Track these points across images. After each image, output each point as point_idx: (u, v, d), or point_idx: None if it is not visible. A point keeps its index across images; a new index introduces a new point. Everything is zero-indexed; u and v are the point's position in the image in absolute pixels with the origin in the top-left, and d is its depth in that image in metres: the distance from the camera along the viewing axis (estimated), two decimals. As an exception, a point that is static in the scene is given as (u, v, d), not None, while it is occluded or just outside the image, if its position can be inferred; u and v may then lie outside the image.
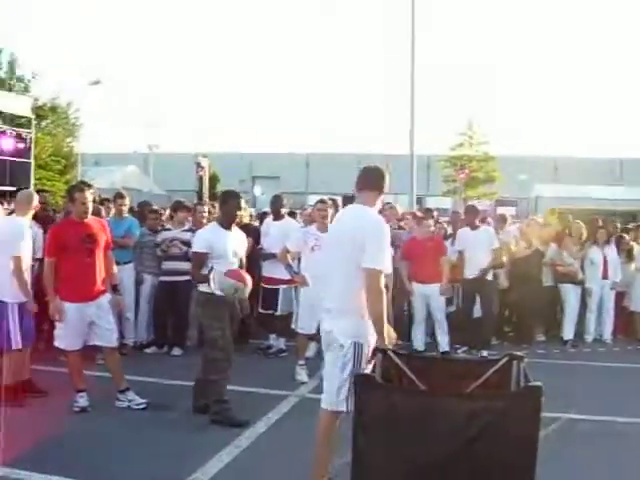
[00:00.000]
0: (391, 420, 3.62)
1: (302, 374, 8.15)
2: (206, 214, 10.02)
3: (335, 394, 4.51)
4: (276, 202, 9.86)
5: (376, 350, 4.32)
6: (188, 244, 9.30)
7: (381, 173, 4.83)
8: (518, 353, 4.09)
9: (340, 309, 4.56)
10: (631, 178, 32.24)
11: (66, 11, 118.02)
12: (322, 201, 8.42)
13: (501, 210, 16.47)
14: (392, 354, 4.22)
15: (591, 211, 16.77)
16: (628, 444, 6.21)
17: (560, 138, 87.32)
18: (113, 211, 9.56)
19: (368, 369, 4.07)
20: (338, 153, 55.03)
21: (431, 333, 10.14)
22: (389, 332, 4.51)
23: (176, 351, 9.36)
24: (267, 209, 12.19)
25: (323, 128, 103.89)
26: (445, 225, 11.45)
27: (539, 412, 3.52)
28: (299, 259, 8.56)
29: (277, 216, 9.67)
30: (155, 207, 10.51)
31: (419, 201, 34.13)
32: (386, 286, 4.59)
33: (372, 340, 4.47)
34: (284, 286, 9.19)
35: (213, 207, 10.39)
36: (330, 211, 8.19)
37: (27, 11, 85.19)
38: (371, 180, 4.79)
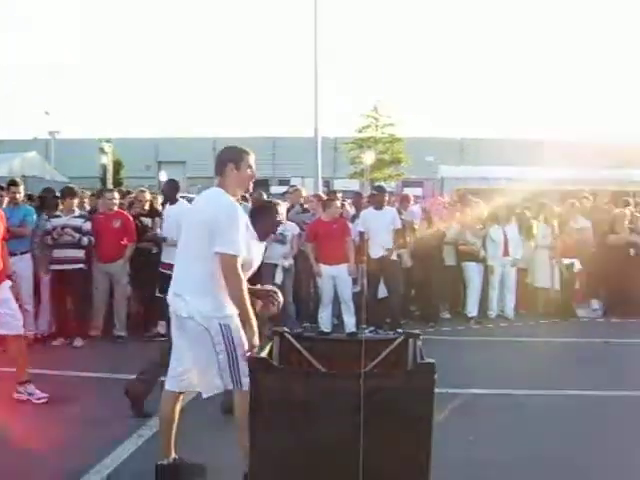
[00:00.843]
0: (287, 403, 3.57)
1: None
2: (116, 200, 9.80)
3: (217, 377, 4.42)
4: (170, 187, 9.67)
5: (274, 333, 4.26)
6: (80, 230, 9.04)
7: (229, 155, 4.64)
8: (414, 331, 4.10)
9: (197, 292, 4.43)
10: (535, 158, 33.06)
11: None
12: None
13: (407, 191, 16.62)
14: (289, 337, 4.18)
15: (496, 190, 17.05)
16: (528, 415, 6.37)
17: (466, 119, 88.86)
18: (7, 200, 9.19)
19: (264, 352, 4.00)
20: (245, 137, 54.57)
21: (337, 314, 10.18)
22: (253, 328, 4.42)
23: (78, 342, 9.10)
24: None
25: (230, 112, 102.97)
26: (348, 207, 11.46)
27: (432, 389, 3.53)
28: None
29: (172, 201, 9.48)
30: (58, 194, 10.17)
31: (326, 184, 34.27)
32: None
33: (237, 319, 4.42)
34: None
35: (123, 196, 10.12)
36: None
37: None
38: (219, 164, 4.63)
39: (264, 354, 3.90)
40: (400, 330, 4.41)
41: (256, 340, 4.39)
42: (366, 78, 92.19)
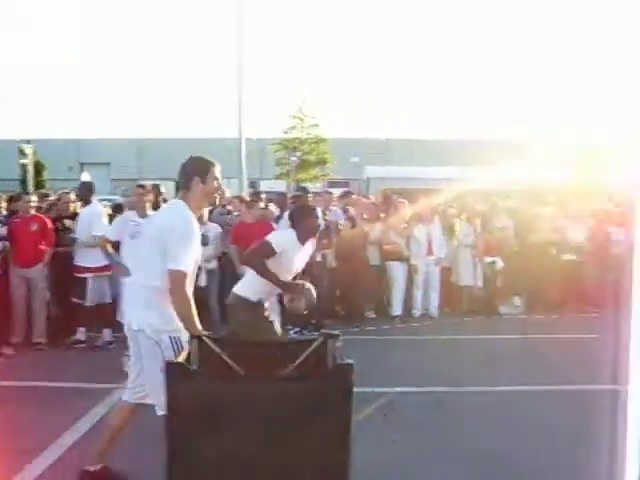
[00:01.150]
0: (205, 408, 3.50)
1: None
2: (34, 203, 9.53)
3: None
4: (84, 188, 9.55)
5: (191, 337, 4.18)
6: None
7: (195, 168, 4.49)
8: (333, 332, 4.07)
9: (147, 305, 4.36)
10: (459, 158, 33.52)
11: None
12: (141, 186, 8.19)
13: (334, 192, 16.68)
14: (208, 340, 4.10)
15: (420, 190, 17.19)
16: (451, 412, 6.45)
17: (390, 120, 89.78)
18: None
19: (181, 357, 3.92)
20: (170, 138, 53.98)
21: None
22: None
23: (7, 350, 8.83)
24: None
25: (154, 113, 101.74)
26: (273, 208, 11.41)
27: (351, 389, 3.51)
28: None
29: (86, 202, 9.31)
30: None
31: (253, 185, 34.09)
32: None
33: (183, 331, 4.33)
34: (91, 275, 8.96)
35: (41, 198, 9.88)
36: (150, 196, 7.99)
37: None
38: (184, 177, 4.50)
39: (181, 359, 3.82)
40: (322, 331, 4.38)
41: None
42: (292, 79, 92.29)
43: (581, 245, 12.10)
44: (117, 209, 10.83)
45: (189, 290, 4.33)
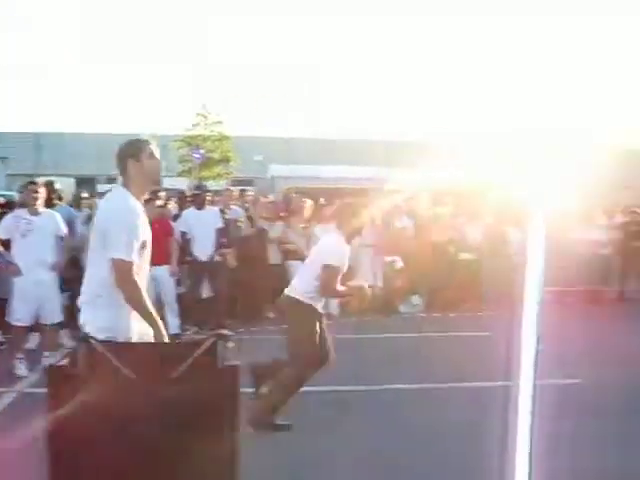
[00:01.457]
0: (92, 412, 3.36)
1: (21, 368, 7.69)
2: None
3: None
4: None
5: (79, 339, 4.01)
6: None
7: (127, 150, 4.27)
8: (224, 332, 3.99)
9: (91, 302, 4.14)
10: (366, 158, 33.81)
11: None
12: (33, 182, 7.90)
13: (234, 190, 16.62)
14: (95, 342, 3.95)
15: (325, 190, 17.27)
16: (351, 411, 6.53)
17: (293, 119, 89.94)
18: None
19: (65, 360, 3.75)
20: (71, 132, 52.62)
21: (161, 316, 9.90)
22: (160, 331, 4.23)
23: None
24: None
25: (53, 107, 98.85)
26: (172, 206, 11.23)
27: (237, 391, 3.48)
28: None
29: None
30: None
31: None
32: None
33: (133, 333, 4.17)
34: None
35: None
36: (42, 193, 7.72)
37: None
38: (118, 162, 4.27)
39: (64, 362, 3.67)
40: (220, 331, 4.28)
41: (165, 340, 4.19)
42: (197, 75, 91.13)
43: (479, 244, 12.35)
44: (9, 206, 10.39)
45: (140, 281, 4.12)
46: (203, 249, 9.82)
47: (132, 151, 4.25)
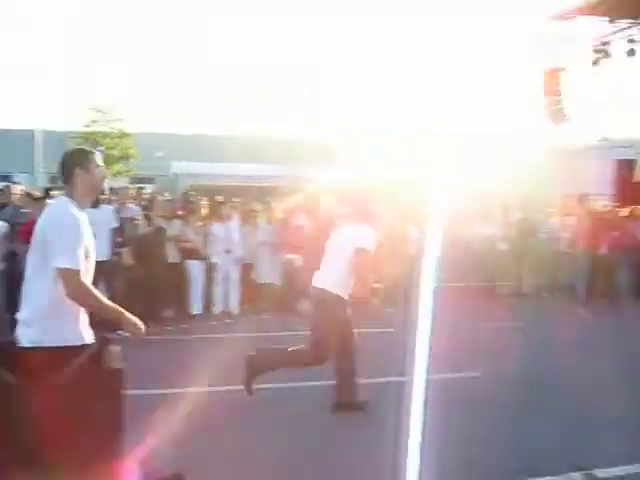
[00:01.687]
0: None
1: None
2: None
3: None
4: None
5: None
6: None
7: (75, 159, 4.21)
8: (109, 335, 3.91)
9: (39, 317, 3.94)
10: (271, 156, 33.66)
11: None
12: None
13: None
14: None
15: (229, 187, 17.18)
16: (247, 409, 6.44)
17: (196, 116, 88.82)
18: None
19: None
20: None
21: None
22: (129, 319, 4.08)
23: None
24: None
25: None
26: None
27: (121, 394, 3.43)
28: None
29: None
30: None
31: (54, 180, 32.63)
32: None
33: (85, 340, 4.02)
34: None
35: None
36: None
37: None
38: (65, 171, 4.18)
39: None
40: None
41: (140, 326, 4.05)
42: (97, 72, 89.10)
43: (380, 242, 12.44)
44: None
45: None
46: (98, 249, 9.56)
47: (80, 160, 4.21)
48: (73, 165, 4.18)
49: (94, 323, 9.36)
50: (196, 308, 11.02)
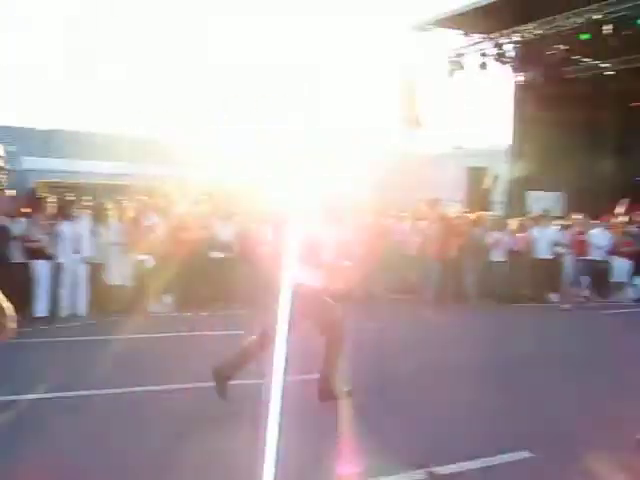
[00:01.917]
0: None
1: None
2: None
3: None
4: None
5: None
6: None
7: None
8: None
9: None
10: (127, 154, 32.78)
11: None
12: None
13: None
14: None
15: (81, 185, 16.67)
16: (89, 417, 6.17)
17: (51, 110, 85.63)
18: None
19: None
20: None
21: None
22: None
23: None
24: None
25: None
26: None
27: None
28: None
29: None
30: None
31: None
32: None
33: None
34: None
35: None
36: None
37: None
38: None
39: None
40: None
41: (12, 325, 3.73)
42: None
43: (230, 243, 12.42)
44: None
45: None
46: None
47: None
48: None
49: None
50: (41, 310, 10.59)
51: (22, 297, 10.85)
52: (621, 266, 16.20)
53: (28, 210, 11.01)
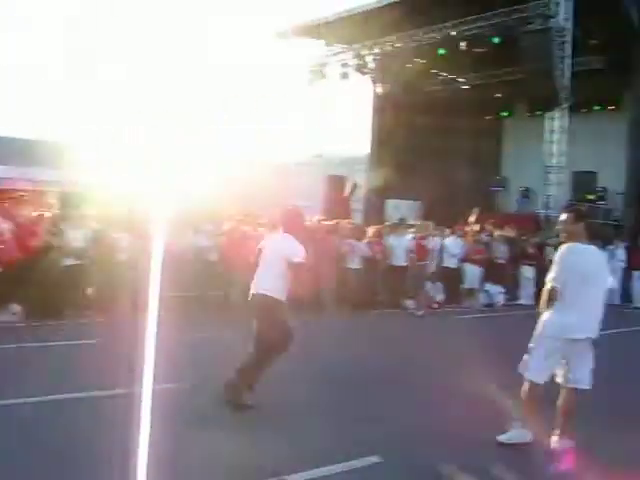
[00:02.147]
0: None
1: None
2: None
3: None
4: None
5: None
6: None
7: None
8: None
9: None
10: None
11: None
12: None
13: None
14: None
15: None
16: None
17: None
18: None
19: None
20: None
21: None
22: None
23: None
24: None
25: None
26: None
27: None
28: None
29: None
30: None
31: None
32: None
33: None
34: None
35: None
36: None
37: None
38: None
39: None
40: None
41: None
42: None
43: (83, 249, 12.02)
44: None
45: None
46: None
47: None
48: None
49: None
50: None
51: None
52: (472, 273, 16.81)
53: None
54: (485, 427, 6.30)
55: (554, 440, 5.96)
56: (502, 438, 6.03)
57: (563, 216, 6.11)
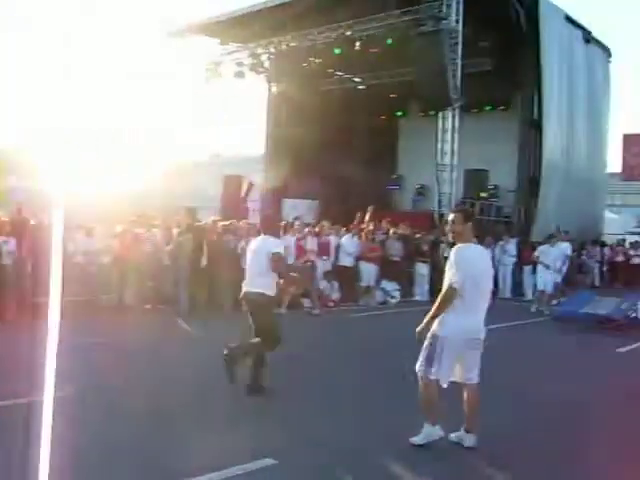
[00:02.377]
0: None
1: None
2: None
3: None
4: None
5: None
6: None
7: None
8: None
9: None
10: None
11: None
12: None
13: None
14: None
15: None
16: None
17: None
18: None
19: None
20: None
21: None
22: None
23: None
24: None
25: None
26: None
27: None
28: None
29: None
30: None
31: None
32: None
33: None
34: None
35: None
36: None
37: None
38: None
39: None
40: None
41: None
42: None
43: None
44: None
45: None
46: None
47: None
48: None
49: None
50: None
51: None
52: (368, 271, 16.94)
53: None
54: (375, 424, 6.33)
55: (458, 435, 6.06)
56: (416, 440, 5.98)
57: (451, 216, 6.18)
